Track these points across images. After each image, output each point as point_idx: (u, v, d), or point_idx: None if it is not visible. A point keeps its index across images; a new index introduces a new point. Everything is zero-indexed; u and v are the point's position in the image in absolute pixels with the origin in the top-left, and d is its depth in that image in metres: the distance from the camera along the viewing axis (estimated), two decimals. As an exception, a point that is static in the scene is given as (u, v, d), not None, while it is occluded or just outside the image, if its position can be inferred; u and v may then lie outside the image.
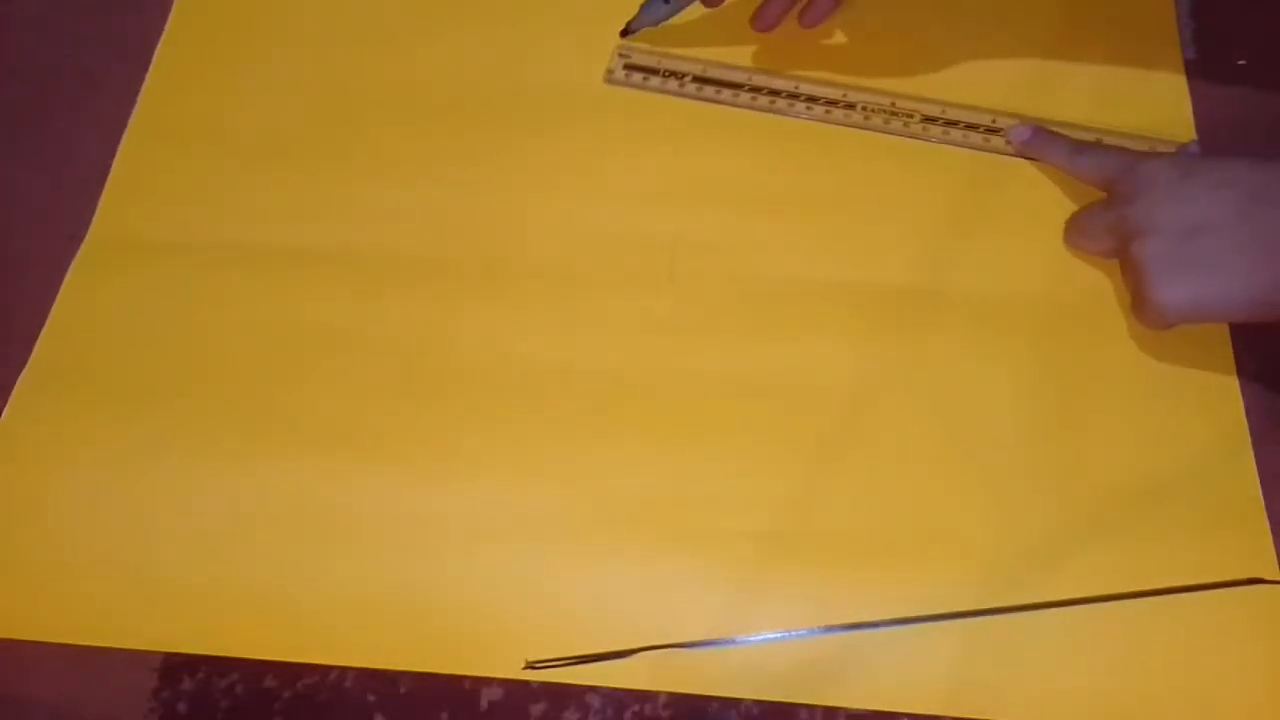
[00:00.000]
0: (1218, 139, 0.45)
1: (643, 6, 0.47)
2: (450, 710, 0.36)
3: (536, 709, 0.36)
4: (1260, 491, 0.38)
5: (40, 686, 0.36)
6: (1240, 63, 0.48)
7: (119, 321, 0.42)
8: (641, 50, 0.48)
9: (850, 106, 0.46)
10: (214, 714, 0.36)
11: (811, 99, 0.46)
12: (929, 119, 0.46)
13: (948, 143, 0.45)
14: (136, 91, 0.47)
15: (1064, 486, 0.38)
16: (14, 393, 0.41)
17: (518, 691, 0.36)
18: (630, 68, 0.47)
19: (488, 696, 0.36)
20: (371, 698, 0.36)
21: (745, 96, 0.47)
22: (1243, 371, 0.40)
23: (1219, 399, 0.40)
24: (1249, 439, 0.39)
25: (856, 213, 0.44)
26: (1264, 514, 0.38)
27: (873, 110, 0.46)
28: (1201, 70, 0.47)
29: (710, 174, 0.45)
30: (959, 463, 0.39)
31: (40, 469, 0.39)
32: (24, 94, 0.48)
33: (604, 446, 0.39)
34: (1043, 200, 0.44)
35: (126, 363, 0.41)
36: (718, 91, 0.47)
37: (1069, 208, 0.44)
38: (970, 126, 0.46)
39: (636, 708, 0.36)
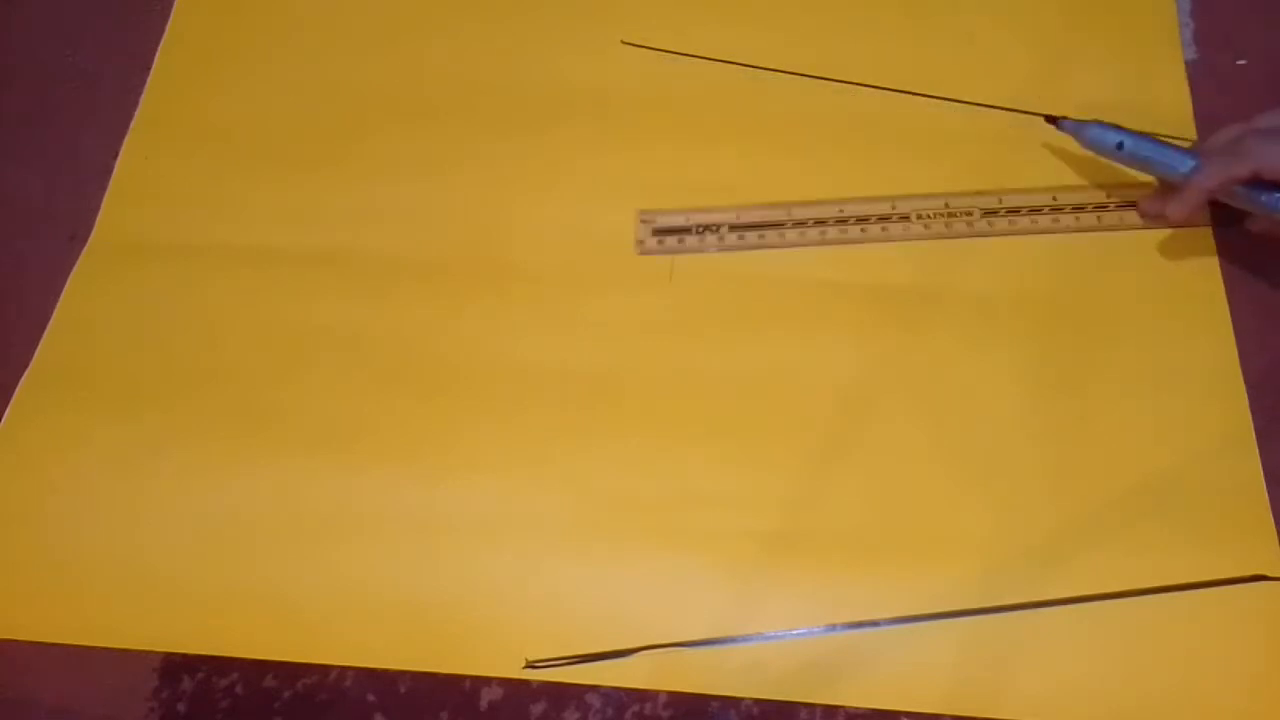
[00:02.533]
0: (1218, 138, 0.45)
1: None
2: (450, 710, 0.35)
3: (536, 709, 0.35)
4: (1265, 489, 0.38)
5: (40, 686, 0.36)
6: (1240, 63, 0.48)
7: (121, 323, 0.42)
8: (667, 212, 0.44)
9: (905, 218, 0.43)
10: (214, 714, 0.36)
11: (862, 220, 0.43)
12: (989, 212, 0.43)
13: (1014, 233, 0.43)
14: (137, 92, 0.47)
15: (1067, 484, 0.38)
16: (16, 393, 0.41)
17: (517, 691, 0.36)
18: (660, 232, 0.43)
19: (488, 696, 0.36)
20: (371, 697, 0.36)
21: (792, 233, 0.43)
22: (1247, 369, 0.40)
23: (1223, 396, 0.40)
24: (1253, 436, 0.39)
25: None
26: (1268, 511, 0.37)
27: (930, 216, 0.43)
28: (1202, 70, 0.47)
29: (711, 174, 0.45)
30: (961, 461, 0.39)
31: (42, 469, 0.39)
32: (24, 94, 0.48)
33: (604, 446, 0.39)
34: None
35: (128, 364, 0.41)
36: (761, 235, 0.43)
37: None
38: (1034, 210, 0.43)
39: (636, 707, 0.35)
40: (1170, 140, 0.41)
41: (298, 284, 0.43)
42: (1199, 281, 0.42)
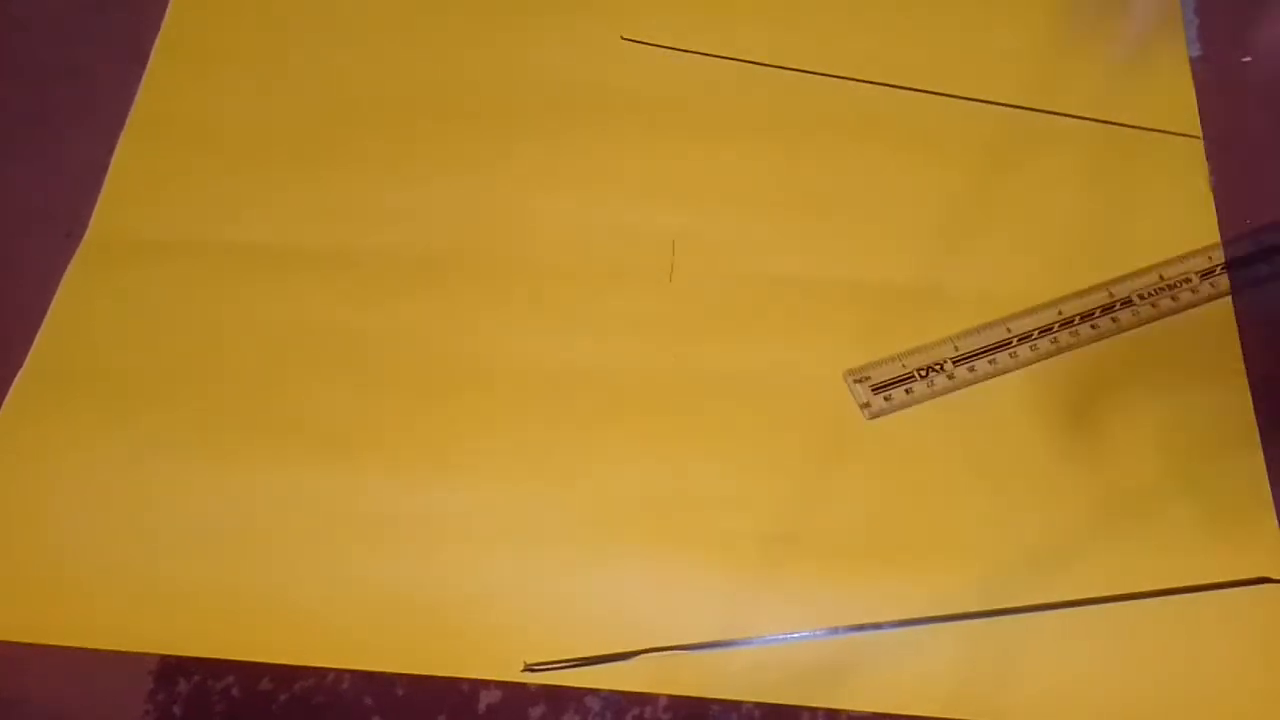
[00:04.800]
0: (1222, 136, 0.45)
1: None
2: (448, 713, 0.35)
3: (535, 712, 0.35)
4: (1269, 490, 0.38)
5: (35, 689, 0.36)
6: (1245, 59, 0.47)
7: (117, 322, 0.42)
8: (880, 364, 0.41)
9: (1128, 303, 0.41)
10: (210, 717, 0.35)
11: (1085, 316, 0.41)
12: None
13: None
14: (133, 90, 0.47)
15: (1068, 486, 0.38)
16: (10, 392, 0.40)
17: (516, 694, 0.35)
18: (881, 388, 0.40)
19: (486, 699, 0.36)
20: (369, 700, 0.36)
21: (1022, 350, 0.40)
22: (1251, 369, 0.40)
23: (1227, 396, 0.39)
24: (1258, 437, 0.39)
25: (858, 211, 0.44)
26: (1272, 513, 0.37)
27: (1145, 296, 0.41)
28: (1206, 67, 0.47)
29: (711, 173, 0.45)
30: (961, 463, 0.39)
31: (37, 470, 0.39)
32: (19, 92, 0.48)
33: (605, 446, 0.39)
34: (1046, 195, 0.44)
35: (124, 363, 0.41)
36: (992, 362, 0.40)
37: (1072, 203, 0.43)
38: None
39: (636, 711, 0.35)
40: None
41: (297, 283, 0.43)
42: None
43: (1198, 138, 0.45)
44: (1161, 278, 0.42)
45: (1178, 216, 0.43)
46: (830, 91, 0.47)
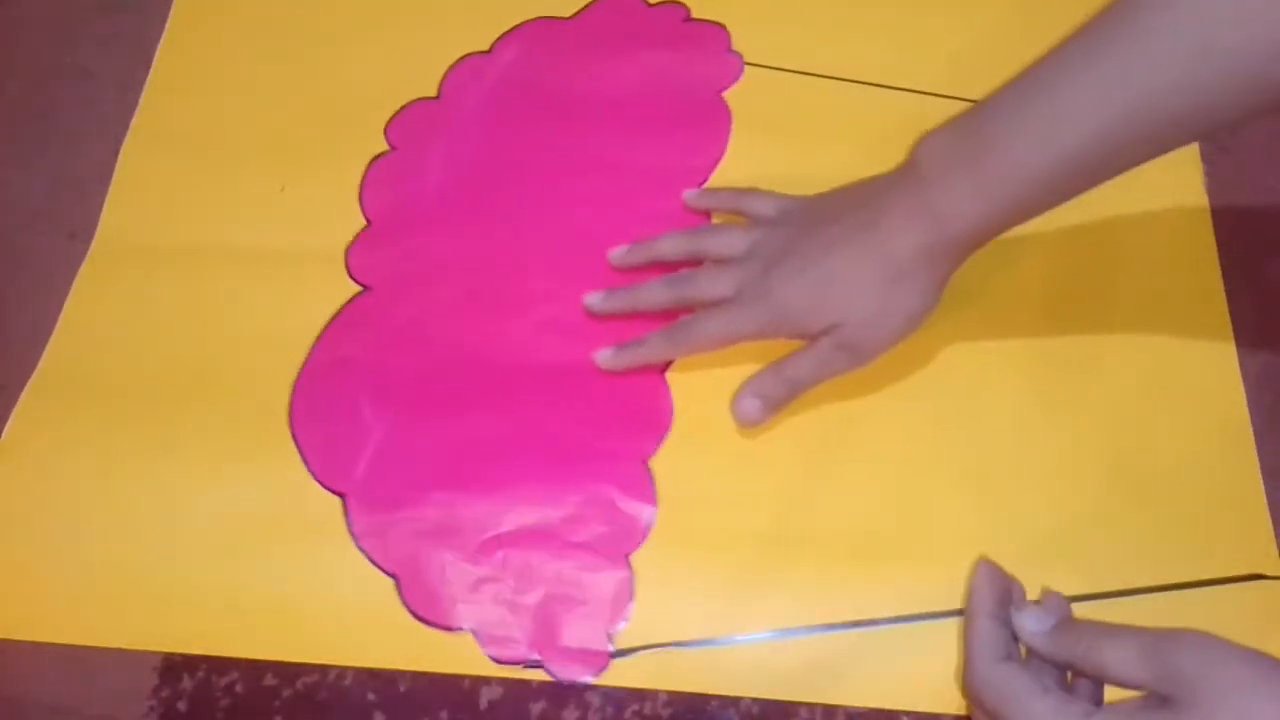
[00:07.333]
0: (1217, 136, 0.45)
1: None
2: (450, 709, 0.36)
3: (536, 708, 0.36)
4: (1263, 488, 0.38)
5: (40, 686, 0.36)
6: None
7: (123, 325, 0.42)
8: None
9: None
10: (214, 713, 0.36)
11: None
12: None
13: None
14: (137, 91, 0.47)
15: (1065, 483, 0.38)
16: (23, 395, 0.41)
17: (517, 690, 0.36)
18: None
19: (487, 696, 0.36)
20: (371, 697, 0.36)
21: None
22: (1245, 367, 0.40)
23: (1221, 394, 0.40)
24: (1251, 434, 0.39)
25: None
26: (1266, 509, 0.38)
27: None
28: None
29: (716, 174, 0.45)
30: (959, 459, 0.39)
31: (46, 470, 0.39)
32: (25, 94, 0.48)
33: (604, 445, 0.39)
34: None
35: (130, 365, 0.41)
36: None
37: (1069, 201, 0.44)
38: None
39: (636, 706, 0.35)
40: None
41: (299, 284, 0.43)
42: (1198, 280, 0.42)
43: None
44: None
45: (1173, 215, 0.44)
46: (831, 93, 0.47)
